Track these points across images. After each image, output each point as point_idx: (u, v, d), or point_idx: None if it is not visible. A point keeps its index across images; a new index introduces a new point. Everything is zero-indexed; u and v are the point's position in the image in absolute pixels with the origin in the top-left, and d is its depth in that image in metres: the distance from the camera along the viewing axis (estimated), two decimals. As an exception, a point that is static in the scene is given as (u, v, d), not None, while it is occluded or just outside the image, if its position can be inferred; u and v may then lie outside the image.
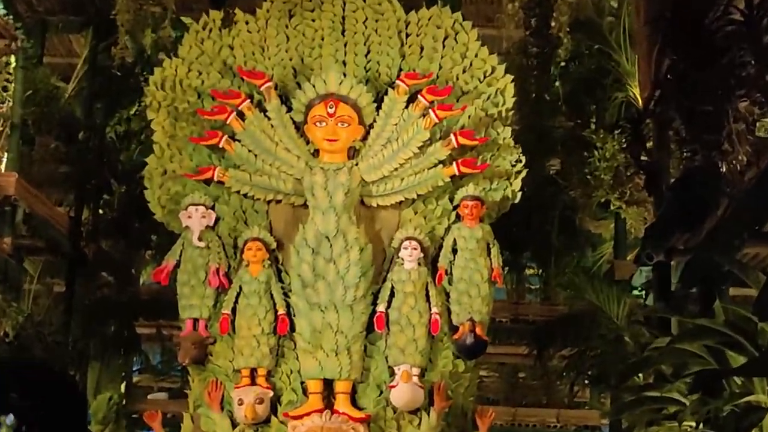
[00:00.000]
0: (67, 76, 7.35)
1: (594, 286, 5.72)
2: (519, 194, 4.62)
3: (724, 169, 5.04)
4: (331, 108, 4.43)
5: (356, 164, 4.46)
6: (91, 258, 6.13)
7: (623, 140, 6.49)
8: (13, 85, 6.80)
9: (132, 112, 5.93)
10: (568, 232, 7.35)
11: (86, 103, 6.40)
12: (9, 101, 6.53)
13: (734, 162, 5.00)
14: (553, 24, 5.92)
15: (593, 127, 7.03)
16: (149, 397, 6.68)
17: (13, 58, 6.54)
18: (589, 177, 6.64)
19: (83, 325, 5.82)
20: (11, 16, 6.58)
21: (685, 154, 5.40)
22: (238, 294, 4.43)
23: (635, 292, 6.83)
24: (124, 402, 6.24)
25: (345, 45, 4.63)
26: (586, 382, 7.08)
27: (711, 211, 5.18)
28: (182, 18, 6.29)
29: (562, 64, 7.39)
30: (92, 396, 5.61)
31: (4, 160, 6.13)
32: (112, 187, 6.24)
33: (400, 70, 4.58)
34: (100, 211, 6.55)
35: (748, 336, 4.63)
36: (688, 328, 4.99)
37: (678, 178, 5.63)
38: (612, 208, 6.67)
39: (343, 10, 4.69)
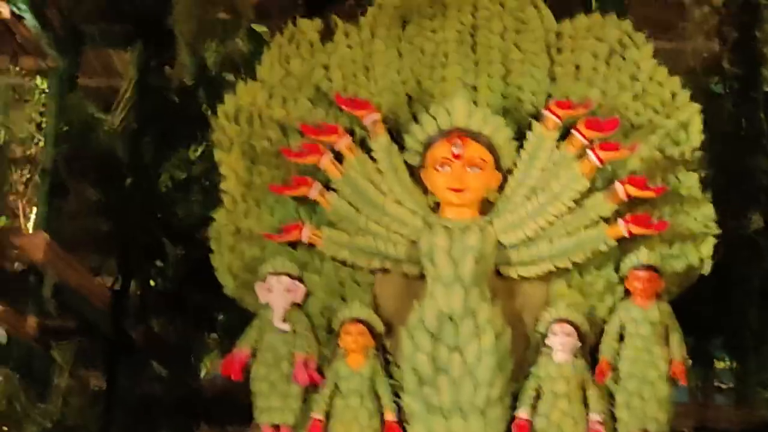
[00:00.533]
0: (107, 103, 6.80)
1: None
2: (710, 262, 3.97)
3: None
4: (457, 148, 3.81)
5: (491, 222, 3.86)
6: (138, 343, 5.53)
7: None
8: (44, 118, 6.40)
9: (193, 152, 5.37)
10: None
11: (133, 140, 5.87)
12: (39, 140, 6.07)
13: None
14: (758, 35, 5.28)
15: None
16: None
17: (42, 82, 6.20)
18: None
19: (127, 431, 5.20)
20: (41, 27, 6.09)
21: None
22: (333, 393, 3.87)
23: None
24: None
25: (476, 64, 4.07)
26: None
27: None
28: (258, 28, 5.68)
29: None
30: None
31: (32, 217, 5.63)
32: (166, 251, 5.62)
33: (549, 96, 4.02)
34: (151, 282, 5.92)
35: None
36: None
37: None
38: None
39: (474, 17, 4.10)
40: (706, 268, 3.94)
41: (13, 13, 6.16)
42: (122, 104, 6.14)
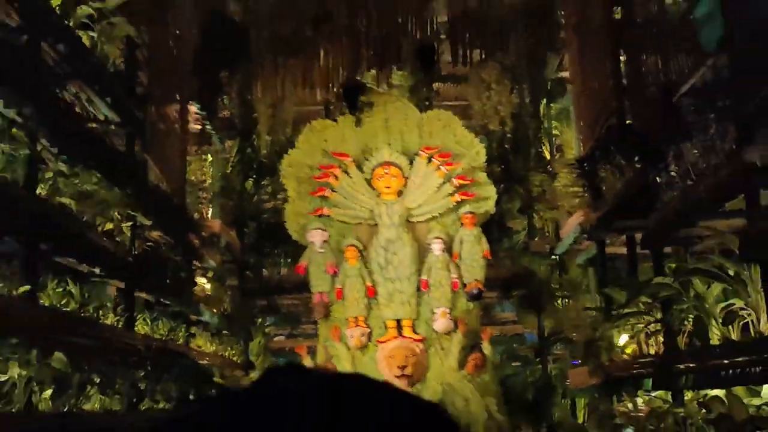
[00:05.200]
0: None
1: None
2: (493, 209, 8.87)
3: None
4: (386, 169, 8.66)
5: (402, 200, 8.66)
6: (253, 263, 10.15)
7: None
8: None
9: (273, 182, 9.79)
10: None
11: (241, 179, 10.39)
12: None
13: None
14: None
15: None
16: (275, 338, 10.62)
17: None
18: None
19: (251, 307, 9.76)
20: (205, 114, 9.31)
21: None
22: (343, 277, 8.55)
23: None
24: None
25: (390, 135, 8.89)
26: None
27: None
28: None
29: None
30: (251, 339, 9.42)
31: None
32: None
33: (420, 146, 8.81)
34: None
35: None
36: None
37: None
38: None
39: (386, 116, 8.98)
40: (493, 211, 8.85)
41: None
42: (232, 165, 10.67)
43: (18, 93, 3.94)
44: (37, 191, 4.23)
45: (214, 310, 8.47)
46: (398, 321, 8.36)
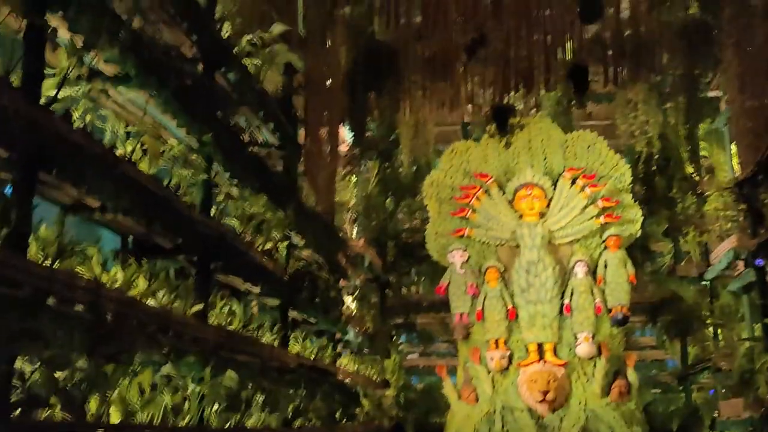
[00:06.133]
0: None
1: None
2: (639, 232, 8.62)
3: None
4: (528, 190, 8.54)
5: (545, 221, 8.52)
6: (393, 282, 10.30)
7: None
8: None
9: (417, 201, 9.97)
10: None
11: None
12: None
13: None
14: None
15: None
16: (408, 357, 10.73)
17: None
18: None
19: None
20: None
21: None
22: (485, 298, 8.47)
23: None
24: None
25: (532, 156, 8.77)
26: None
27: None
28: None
29: None
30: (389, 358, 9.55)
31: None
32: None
33: (564, 167, 8.70)
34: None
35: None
36: None
37: None
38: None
39: (529, 136, 8.90)
40: (638, 234, 8.59)
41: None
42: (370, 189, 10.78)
43: (197, 121, 4.11)
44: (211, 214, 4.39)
45: (358, 329, 8.58)
46: (540, 345, 8.22)
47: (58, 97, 3.16)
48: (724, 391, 7.89)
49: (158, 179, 3.86)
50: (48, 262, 2.97)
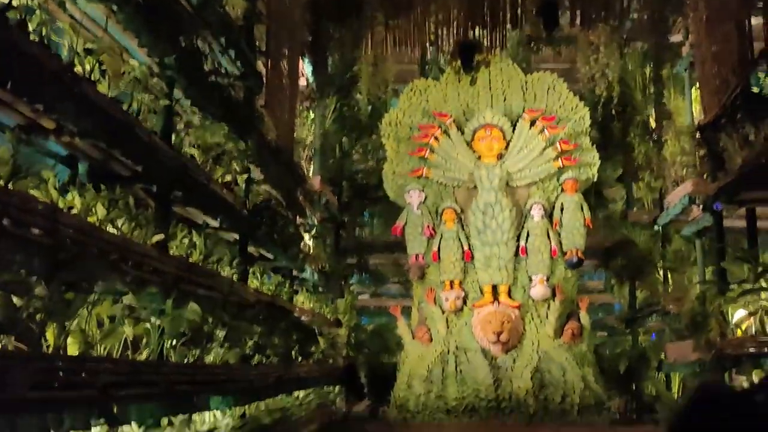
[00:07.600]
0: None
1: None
2: (596, 176, 8.59)
3: None
4: (487, 131, 8.45)
5: (504, 163, 8.44)
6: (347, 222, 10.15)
7: None
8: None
9: (373, 140, 9.78)
10: None
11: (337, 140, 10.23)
12: None
13: None
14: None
15: None
16: (359, 297, 10.70)
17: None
18: None
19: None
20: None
21: None
22: (441, 239, 8.42)
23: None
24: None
25: (492, 97, 8.64)
26: None
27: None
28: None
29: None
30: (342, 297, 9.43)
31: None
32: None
33: (524, 108, 8.56)
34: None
35: None
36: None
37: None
38: None
39: (489, 77, 8.75)
40: (595, 178, 8.56)
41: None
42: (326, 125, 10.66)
43: (160, 41, 3.87)
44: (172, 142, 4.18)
45: (314, 267, 8.44)
46: (494, 286, 8.24)
47: (13, 3, 2.91)
48: (671, 334, 7.99)
49: (119, 102, 3.63)
50: (1, 183, 2.75)
